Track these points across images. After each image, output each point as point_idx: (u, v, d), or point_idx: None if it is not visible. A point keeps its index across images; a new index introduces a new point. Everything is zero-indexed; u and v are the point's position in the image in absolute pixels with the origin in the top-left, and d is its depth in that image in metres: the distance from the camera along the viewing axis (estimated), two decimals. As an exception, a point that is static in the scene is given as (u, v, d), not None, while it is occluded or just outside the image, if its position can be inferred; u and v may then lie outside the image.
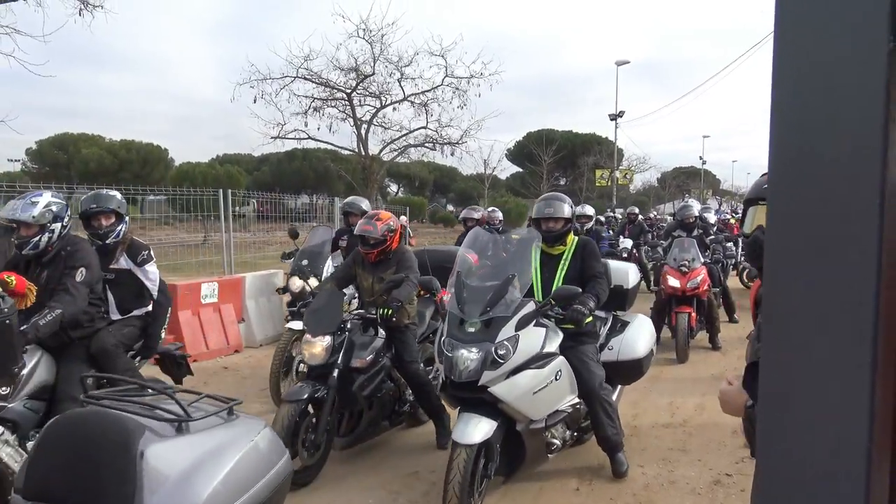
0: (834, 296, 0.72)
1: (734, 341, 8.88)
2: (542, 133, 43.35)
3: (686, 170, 57.11)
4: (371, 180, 21.59)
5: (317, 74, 20.15)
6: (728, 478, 4.57)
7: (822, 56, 0.73)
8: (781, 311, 0.77)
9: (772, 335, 0.78)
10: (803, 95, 0.74)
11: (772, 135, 0.76)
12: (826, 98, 0.73)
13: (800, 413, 0.75)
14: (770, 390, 0.77)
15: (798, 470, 0.75)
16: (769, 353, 0.78)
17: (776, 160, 0.77)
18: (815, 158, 0.73)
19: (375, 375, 4.80)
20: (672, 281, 8.26)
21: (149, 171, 40.20)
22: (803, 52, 0.74)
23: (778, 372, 0.77)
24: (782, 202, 0.76)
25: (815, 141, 0.73)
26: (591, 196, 41.34)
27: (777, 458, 0.77)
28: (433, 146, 22.04)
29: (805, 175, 0.74)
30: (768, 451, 0.79)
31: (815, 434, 0.74)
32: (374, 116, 21.33)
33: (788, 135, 0.75)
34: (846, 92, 0.72)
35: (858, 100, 0.71)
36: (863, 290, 0.70)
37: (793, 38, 0.74)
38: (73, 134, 42.45)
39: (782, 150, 0.76)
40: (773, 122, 0.76)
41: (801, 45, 0.74)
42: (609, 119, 32.81)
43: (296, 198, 22.71)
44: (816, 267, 0.73)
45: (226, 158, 49.92)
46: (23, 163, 42.66)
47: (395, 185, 53.66)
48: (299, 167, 45.17)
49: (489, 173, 35.69)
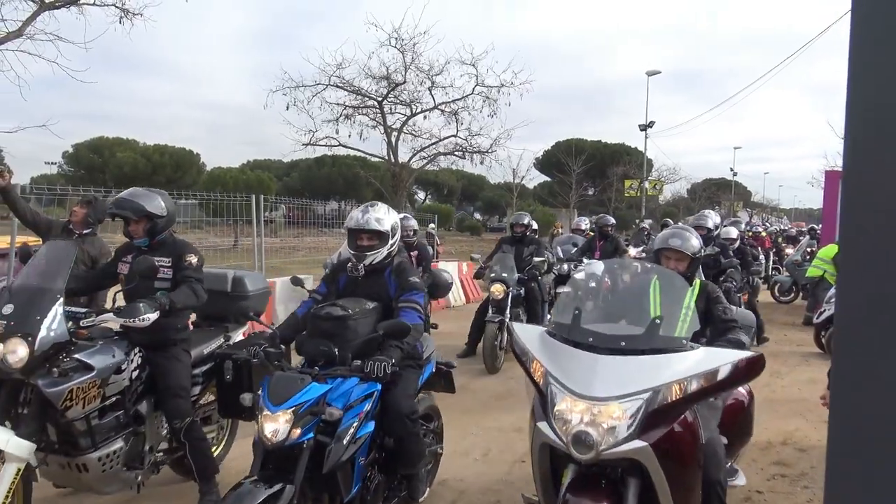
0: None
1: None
2: (571, 142, 43.21)
3: (717, 181, 56.48)
4: (400, 187, 21.68)
5: (348, 82, 20.35)
6: (759, 495, 4.50)
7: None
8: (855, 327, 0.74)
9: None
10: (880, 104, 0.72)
11: (847, 134, 0.74)
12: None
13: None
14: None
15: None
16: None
17: (851, 163, 0.74)
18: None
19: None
20: None
21: (181, 175, 40.83)
22: (882, 45, 0.71)
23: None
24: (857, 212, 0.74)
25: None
26: (621, 207, 41.06)
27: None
28: (462, 155, 22.08)
29: (881, 178, 0.71)
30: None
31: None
32: (404, 124, 21.45)
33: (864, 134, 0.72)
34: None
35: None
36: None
37: (870, 31, 0.72)
38: (108, 138, 43.27)
39: (857, 150, 0.73)
40: (848, 121, 0.73)
41: (878, 39, 0.71)
42: (639, 129, 32.58)
43: (324, 204, 22.86)
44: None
45: (256, 164, 50.56)
46: (59, 166, 43.62)
47: (422, 193, 53.82)
48: (328, 173, 45.55)
49: (517, 182, 35.63)
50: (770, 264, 16.93)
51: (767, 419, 6.06)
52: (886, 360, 0.69)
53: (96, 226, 5.70)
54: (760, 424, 5.91)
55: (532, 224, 9.76)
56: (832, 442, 0.72)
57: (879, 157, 0.70)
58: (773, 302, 14.01)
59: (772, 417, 6.09)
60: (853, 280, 0.73)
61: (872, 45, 0.71)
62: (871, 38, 0.71)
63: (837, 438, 0.72)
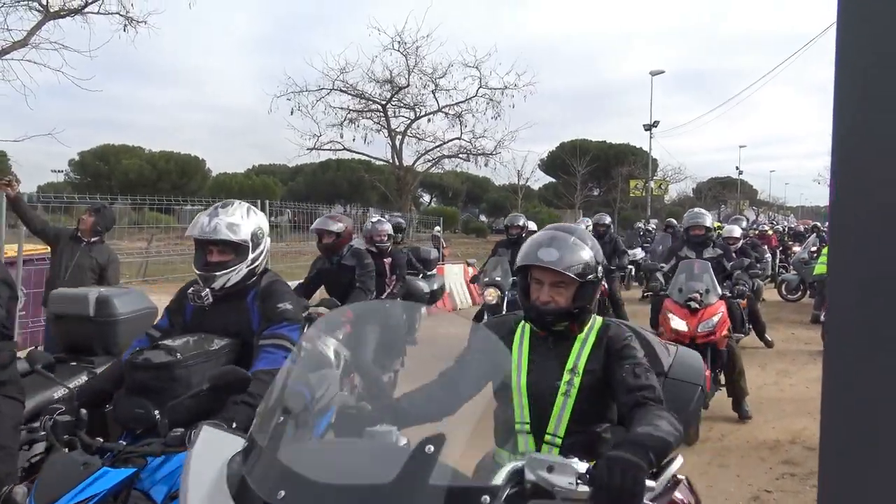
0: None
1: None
2: (575, 143, 43.15)
3: (722, 180, 56.31)
4: (404, 191, 21.74)
5: (352, 86, 20.48)
6: (768, 494, 4.48)
7: (888, 47, 0.70)
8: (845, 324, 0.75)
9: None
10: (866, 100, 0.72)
11: (834, 138, 0.74)
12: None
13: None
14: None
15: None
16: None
17: (841, 165, 0.74)
18: (882, 160, 0.71)
19: None
20: (676, 322, 5.81)
21: (187, 182, 41.07)
22: (867, 45, 0.71)
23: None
24: (846, 214, 0.74)
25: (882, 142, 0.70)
26: (626, 207, 40.99)
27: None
28: (467, 157, 22.15)
29: (870, 181, 0.71)
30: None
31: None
32: (408, 128, 21.54)
33: (852, 138, 0.73)
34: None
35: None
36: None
37: (855, 32, 0.72)
38: (114, 145, 43.56)
39: (846, 150, 0.73)
40: (836, 123, 0.73)
41: (864, 39, 0.72)
42: (644, 129, 32.56)
43: (330, 208, 22.90)
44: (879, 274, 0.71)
45: (261, 169, 50.74)
46: (66, 173, 43.86)
47: (427, 196, 53.87)
48: (333, 177, 45.64)
49: (522, 184, 35.65)
50: (777, 262, 16.88)
51: (775, 418, 6.04)
52: (877, 357, 0.70)
53: (104, 233, 5.78)
54: (768, 423, 5.92)
55: (528, 225, 9.18)
56: (825, 440, 0.73)
57: (866, 156, 0.71)
58: (780, 300, 13.96)
59: (780, 416, 6.07)
60: (842, 276, 0.74)
61: (858, 47, 0.72)
62: (856, 40, 0.72)
63: (830, 438, 0.73)
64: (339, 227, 5.61)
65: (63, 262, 5.54)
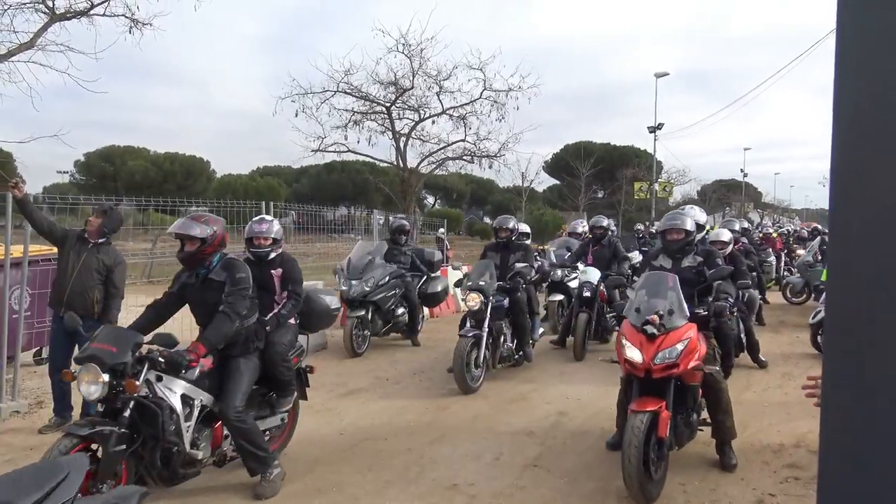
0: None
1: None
2: (580, 145, 43.18)
3: (727, 182, 56.20)
4: (409, 192, 21.74)
5: (357, 88, 20.49)
6: (772, 498, 4.47)
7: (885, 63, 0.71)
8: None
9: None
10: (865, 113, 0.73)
11: (834, 144, 0.75)
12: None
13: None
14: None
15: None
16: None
17: (839, 170, 0.75)
18: (880, 167, 0.71)
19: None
20: (629, 350, 4.53)
21: (191, 183, 41.18)
22: (864, 60, 0.72)
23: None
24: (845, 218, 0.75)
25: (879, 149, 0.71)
26: (630, 209, 40.94)
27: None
28: (471, 159, 22.15)
29: (867, 184, 0.72)
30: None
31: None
32: (412, 129, 21.54)
33: (851, 142, 0.74)
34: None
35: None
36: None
37: (853, 45, 0.73)
38: (119, 147, 43.68)
39: (844, 157, 0.74)
40: (835, 132, 0.74)
41: (862, 52, 0.73)
42: (648, 131, 32.51)
43: (334, 210, 22.95)
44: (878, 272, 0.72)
45: (266, 170, 50.87)
46: (71, 175, 44.05)
47: (431, 197, 53.90)
48: (338, 179, 45.73)
49: (526, 186, 35.63)
50: (781, 265, 16.85)
51: (779, 421, 6.03)
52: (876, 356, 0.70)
53: (111, 235, 5.82)
54: (773, 427, 5.90)
55: (519, 228, 8.53)
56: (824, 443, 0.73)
57: (865, 157, 0.72)
58: (785, 303, 13.93)
59: (784, 420, 6.06)
60: (842, 276, 0.74)
61: (857, 51, 0.73)
62: (855, 42, 0.73)
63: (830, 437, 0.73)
64: (206, 232, 4.29)
65: (70, 262, 5.59)
